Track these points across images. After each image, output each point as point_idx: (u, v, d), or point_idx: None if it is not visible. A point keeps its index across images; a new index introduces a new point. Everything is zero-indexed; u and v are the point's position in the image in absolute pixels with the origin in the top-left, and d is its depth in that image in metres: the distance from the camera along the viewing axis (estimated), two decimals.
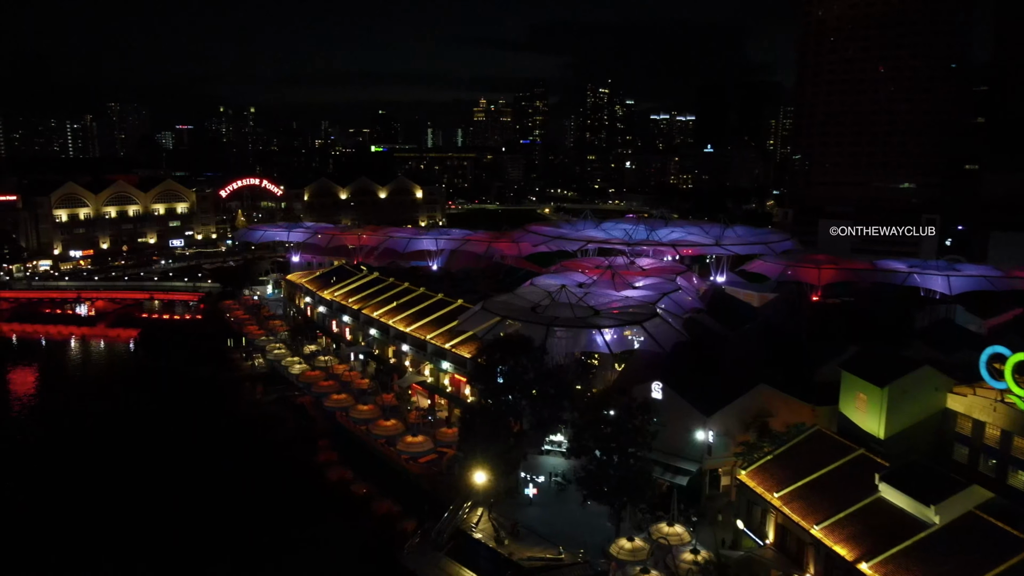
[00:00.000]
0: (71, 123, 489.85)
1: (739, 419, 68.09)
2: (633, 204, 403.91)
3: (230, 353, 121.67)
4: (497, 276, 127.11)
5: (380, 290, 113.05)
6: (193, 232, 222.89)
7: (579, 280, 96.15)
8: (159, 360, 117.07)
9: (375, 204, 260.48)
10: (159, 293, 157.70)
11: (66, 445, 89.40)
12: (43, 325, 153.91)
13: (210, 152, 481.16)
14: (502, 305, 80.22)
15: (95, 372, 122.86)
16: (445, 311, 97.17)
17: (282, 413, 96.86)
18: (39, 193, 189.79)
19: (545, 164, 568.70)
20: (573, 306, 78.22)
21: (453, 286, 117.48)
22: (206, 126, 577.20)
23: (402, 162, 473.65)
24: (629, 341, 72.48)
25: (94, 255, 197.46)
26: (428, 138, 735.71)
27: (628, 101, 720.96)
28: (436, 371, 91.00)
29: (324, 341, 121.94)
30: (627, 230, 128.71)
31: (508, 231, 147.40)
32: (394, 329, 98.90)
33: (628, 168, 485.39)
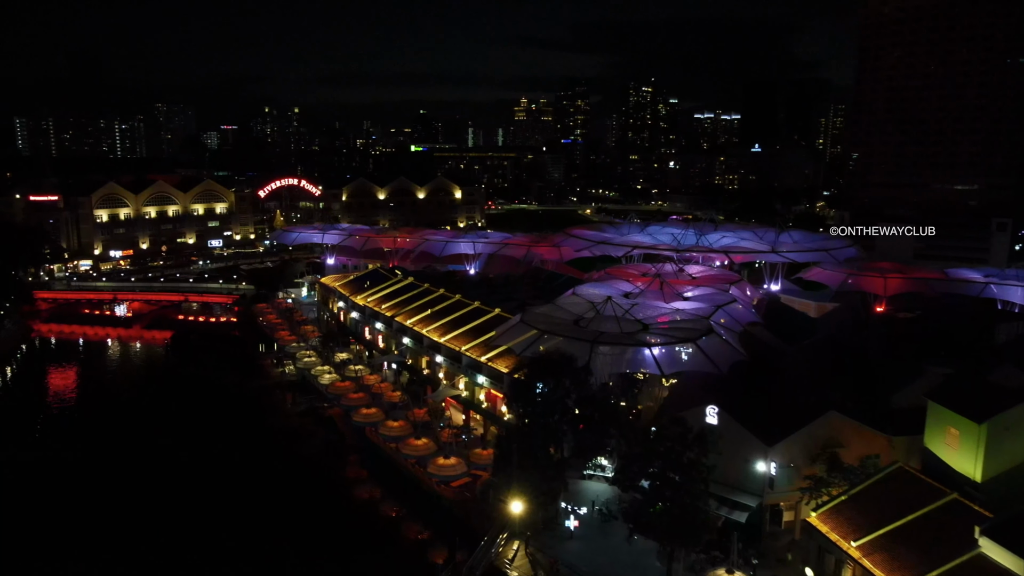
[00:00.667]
0: (119, 124, 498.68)
1: (805, 449, 61.15)
2: (677, 205, 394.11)
3: (261, 359, 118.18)
4: (537, 282, 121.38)
5: (414, 296, 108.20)
6: (232, 232, 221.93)
7: (625, 289, 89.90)
8: (188, 366, 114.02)
9: (413, 205, 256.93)
10: (194, 295, 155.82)
11: (89, 455, 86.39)
12: (80, 326, 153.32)
13: (253, 152, 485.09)
14: (542, 318, 74.39)
15: (126, 376, 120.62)
16: (482, 320, 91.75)
17: (311, 426, 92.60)
18: (80, 193, 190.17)
19: (586, 164, 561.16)
20: (620, 319, 72.03)
21: (491, 292, 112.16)
22: (251, 126, 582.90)
23: (442, 161, 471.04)
24: (680, 359, 66.02)
25: (133, 255, 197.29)
26: (469, 138, 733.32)
27: (672, 100, 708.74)
28: (471, 385, 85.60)
29: (357, 348, 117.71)
30: (675, 235, 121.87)
31: (549, 235, 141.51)
32: (428, 339, 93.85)
33: (671, 168, 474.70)
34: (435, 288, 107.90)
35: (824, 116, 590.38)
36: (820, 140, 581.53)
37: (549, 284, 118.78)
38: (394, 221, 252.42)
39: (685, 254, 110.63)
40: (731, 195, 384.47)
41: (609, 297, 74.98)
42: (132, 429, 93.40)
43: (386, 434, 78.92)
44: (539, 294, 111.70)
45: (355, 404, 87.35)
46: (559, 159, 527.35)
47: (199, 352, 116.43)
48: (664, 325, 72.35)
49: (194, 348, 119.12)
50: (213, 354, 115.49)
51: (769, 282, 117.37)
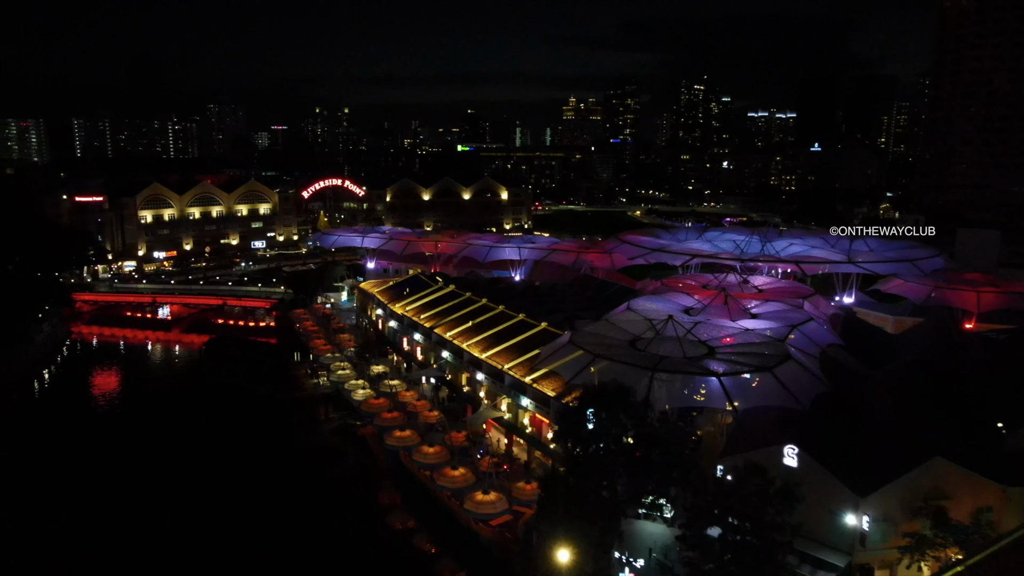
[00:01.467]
0: (172, 124, 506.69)
1: (904, 501, 52.12)
2: (731, 207, 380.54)
3: (295, 369, 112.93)
4: (586, 291, 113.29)
5: (455, 306, 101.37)
6: (275, 233, 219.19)
7: (685, 303, 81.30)
8: (220, 375, 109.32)
9: (458, 205, 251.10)
10: (232, 299, 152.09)
11: (108, 469, 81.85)
12: (120, 328, 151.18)
13: (300, 152, 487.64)
14: (594, 338, 66.48)
15: (158, 385, 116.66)
16: (527, 335, 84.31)
17: (342, 445, 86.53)
18: (125, 194, 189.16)
19: (636, 164, 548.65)
20: (682, 341, 63.67)
21: (537, 302, 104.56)
22: (302, 127, 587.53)
23: (488, 161, 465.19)
24: (753, 389, 57.39)
25: (177, 256, 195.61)
26: (516, 137, 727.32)
27: (724, 98, 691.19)
28: (514, 407, 78.23)
29: (394, 359, 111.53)
30: (737, 242, 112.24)
31: (599, 240, 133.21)
32: (468, 354, 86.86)
33: (724, 168, 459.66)
34: (477, 298, 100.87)
35: (887, 114, 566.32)
36: (882, 139, 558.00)
37: (600, 294, 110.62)
38: (438, 222, 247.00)
39: (749, 263, 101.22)
40: (789, 196, 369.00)
41: (670, 316, 66.56)
42: (157, 444, 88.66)
43: (420, 461, 72.11)
44: (589, 305, 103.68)
45: (389, 425, 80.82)
46: (608, 159, 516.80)
47: (232, 361, 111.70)
48: (732, 348, 63.69)
49: (228, 356, 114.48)
50: (246, 363, 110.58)
51: (842, 295, 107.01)
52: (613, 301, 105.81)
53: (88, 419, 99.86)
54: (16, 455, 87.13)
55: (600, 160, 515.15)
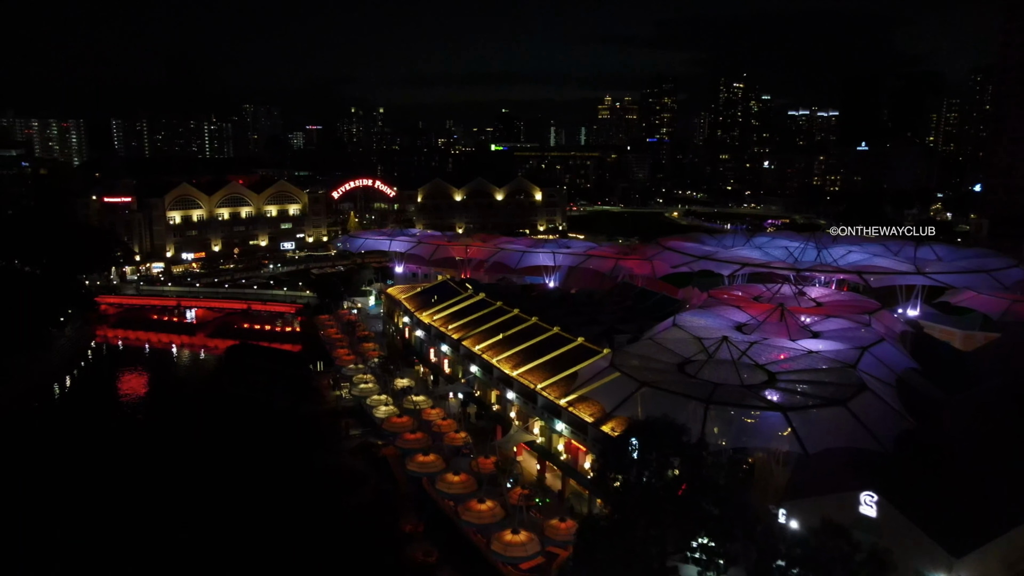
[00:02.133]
0: (208, 124, 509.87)
1: (1006, 563, 44.34)
2: (772, 208, 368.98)
3: (317, 379, 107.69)
4: (625, 300, 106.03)
5: (485, 316, 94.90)
6: (304, 234, 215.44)
7: (737, 319, 73.72)
8: (239, 385, 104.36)
9: (491, 206, 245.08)
10: (257, 303, 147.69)
11: (121, 486, 77.20)
12: (145, 332, 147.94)
13: (334, 152, 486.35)
14: (638, 361, 59.36)
15: (176, 394, 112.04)
16: (562, 351, 77.50)
17: (362, 466, 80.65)
18: (154, 194, 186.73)
19: (672, 164, 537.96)
20: (738, 365, 56.27)
21: (572, 312, 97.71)
22: (338, 126, 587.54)
23: (522, 161, 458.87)
24: (824, 427, 49.72)
25: (205, 258, 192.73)
26: (551, 137, 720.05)
27: (764, 96, 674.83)
28: (548, 431, 71.50)
29: (421, 371, 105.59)
30: (790, 249, 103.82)
31: (639, 245, 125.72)
32: (498, 370, 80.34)
33: (765, 168, 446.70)
34: (509, 308, 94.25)
35: (936, 112, 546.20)
36: (930, 138, 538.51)
37: (640, 304, 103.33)
38: (470, 223, 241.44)
39: (805, 273, 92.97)
40: (834, 198, 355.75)
41: (725, 338, 59.10)
42: (170, 460, 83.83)
43: (445, 491, 65.74)
44: (628, 316, 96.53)
45: (412, 447, 74.65)
46: (644, 159, 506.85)
47: (252, 371, 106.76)
48: (796, 375, 56.06)
49: (248, 365, 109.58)
50: (266, 374, 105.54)
51: (905, 306, 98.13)
52: (654, 312, 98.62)
53: (101, 430, 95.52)
54: (26, 465, 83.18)
55: (636, 160, 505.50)
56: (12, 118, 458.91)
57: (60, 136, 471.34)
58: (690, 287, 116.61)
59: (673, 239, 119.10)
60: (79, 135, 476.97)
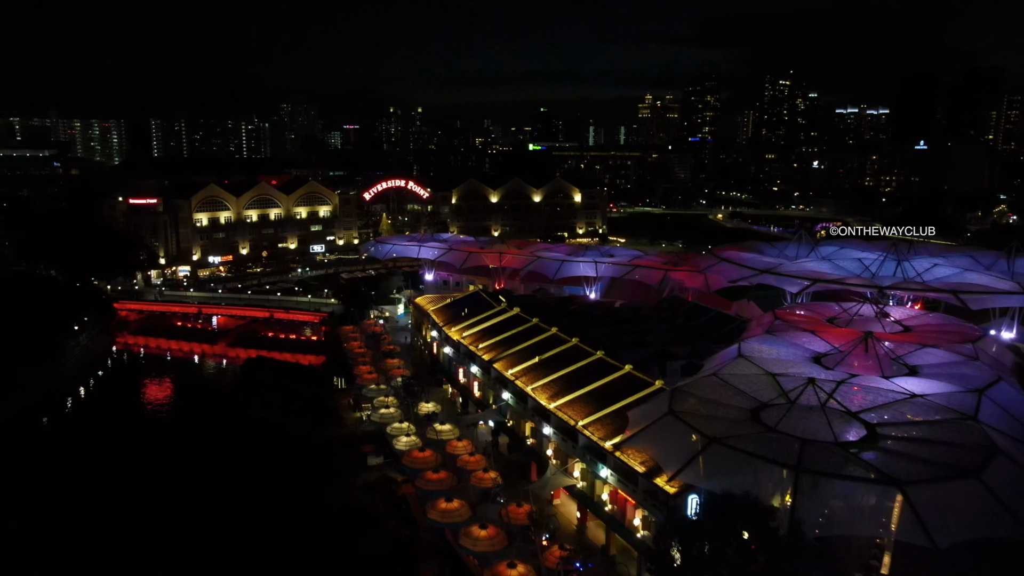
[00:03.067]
0: (245, 124, 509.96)
1: None
2: (823, 210, 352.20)
3: (338, 398, 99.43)
4: (675, 317, 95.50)
5: (520, 335, 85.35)
6: (335, 237, 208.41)
7: (814, 348, 62.83)
8: (254, 404, 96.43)
9: (528, 208, 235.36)
10: (279, 311, 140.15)
11: (118, 515, 69.61)
12: (167, 340, 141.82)
13: (370, 151, 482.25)
14: (699, 406, 49.05)
15: (191, 410, 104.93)
16: (607, 380, 67.55)
17: (379, 506, 71.78)
18: (181, 196, 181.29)
19: (716, 164, 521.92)
20: (829, 415, 45.64)
21: (617, 330, 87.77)
22: (376, 126, 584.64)
23: (561, 161, 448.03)
24: (946, 503, 38.94)
25: (232, 261, 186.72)
26: (590, 136, 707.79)
27: (811, 94, 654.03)
28: (590, 475, 61.69)
29: (449, 391, 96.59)
30: (864, 261, 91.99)
31: (690, 255, 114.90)
32: (533, 400, 70.74)
33: (814, 168, 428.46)
34: (546, 326, 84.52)
35: (995, 109, 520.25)
36: (989, 136, 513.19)
37: (692, 322, 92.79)
38: (506, 226, 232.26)
39: (888, 291, 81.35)
40: (889, 199, 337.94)
41: (812, 381, 48.42)
42: (173, 490, 76.05)
43: (470, 547, 56.33)
44: (680, 336, 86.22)
45: (434, 488, 65.43)
46: (686, 159, 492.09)
47: (268, 388, 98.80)
48: (902, 429, 45.19)
49: (263, 382, 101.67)
50: (282, 392, 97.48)
51: (998, 328, 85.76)
52: (708, 331, 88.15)
53: (103, 453, 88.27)
54: (23, 485, 76.31)
55: (678, 160, 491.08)
56: (55, 119, 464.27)
57: (102, 136, 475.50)
58: (745, 301, 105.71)
59: (729, 248, 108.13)
60: (120, 135, 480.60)
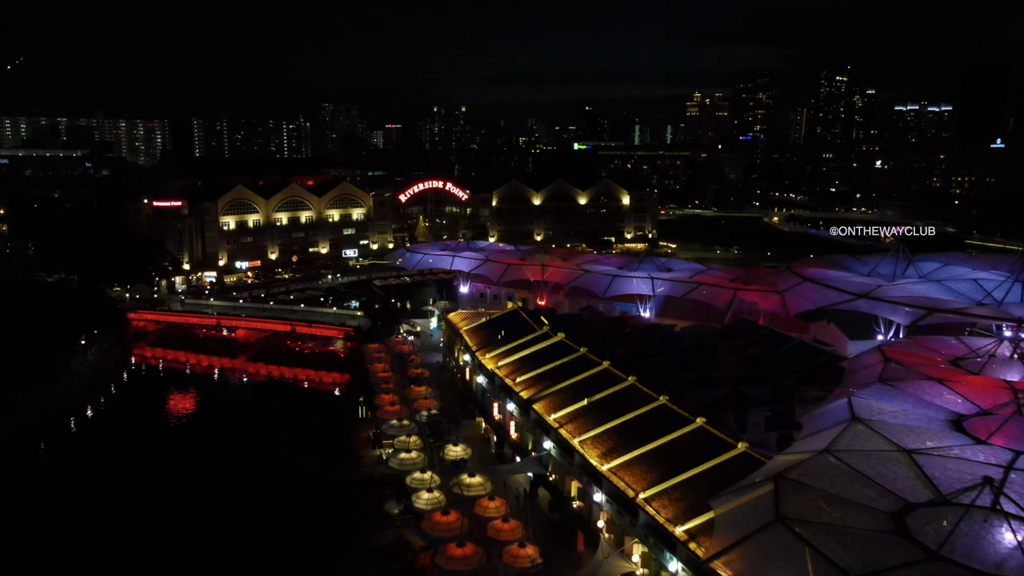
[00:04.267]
0: (287, 124, 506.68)
1: None
2: (887, 213, 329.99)
3: (357, 430, 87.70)
4: (748, 344, 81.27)
5: (565, 368, 72.37)
6: (368, 241, 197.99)
7: (946, 403, 48.38)
8: (264, 437, 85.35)
9: (573, 211, 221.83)
10: (302, 325, 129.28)
11: None
12: (185, 352, 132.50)
13: (410, 151, 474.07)
14: (822, 502, 35.22)
15: (200, 440, 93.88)
16: (674, 437, 54.16)
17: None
18: (207, 198, 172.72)
19: (768, 163, 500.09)
20: (1012, 525, 31.63)
21: (680, 362, 74.25)
22: (420, 125, 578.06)
23: (607, 160, 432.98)
24: None
25: (261, 266, 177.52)
26: (635, 135, 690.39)
27: (869, 91, 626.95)
28: (654, 562, 48.40)
29: (482, 427, 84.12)
30: (984, 283, 76.37)
31: (766, 271, 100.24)
32: (581, 456, 57.71)
33: (876, 168, 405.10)
34: (596, 358, 71.29)
35: None
36: None
37: (768, 352, 78.48)
38: (549, 230, 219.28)
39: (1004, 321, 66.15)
40: (962, 201, 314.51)
41: (989, 480, 34.39)
42: (161, 543, 65.03)
43: None
44: (757, 371, 72.13)
45: (459, 569, 52.83)
46: (737, 158, 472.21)
47: (280, 420, 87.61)
48: None
49: (275, 412, 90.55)
50: (296, 424, 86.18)
51: None
52: (791, 365, 73.91)
53: (96, 489, 77.92)
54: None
55: (728, 159, 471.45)
56: (101, 119, 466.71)
57: (146, 136, 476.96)
58: (824, 323, 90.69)
59: (809, 264, 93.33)
60: (163, 135, 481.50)
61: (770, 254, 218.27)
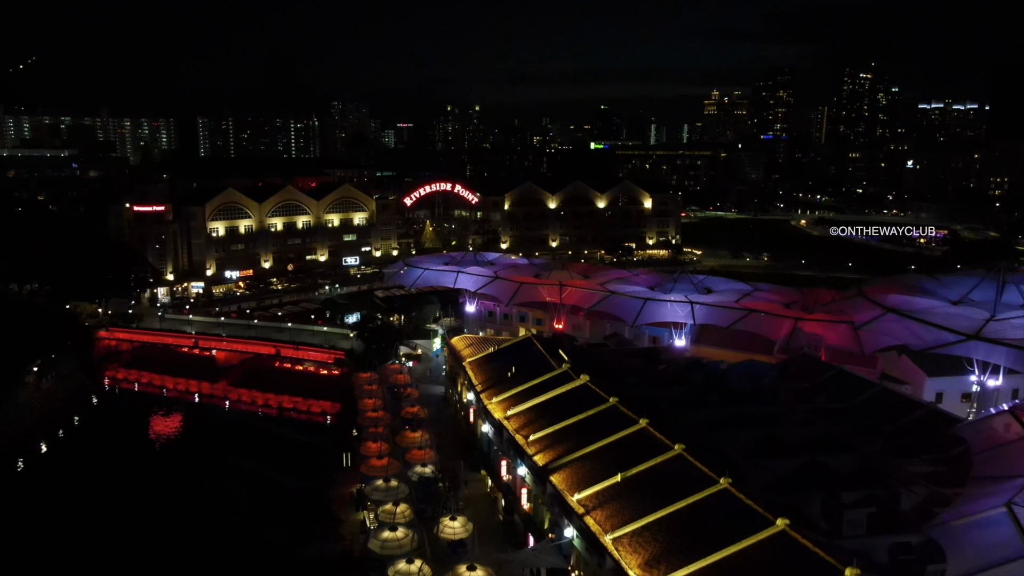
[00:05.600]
0: (295, 123, 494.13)
1: None
2: (922, 216, 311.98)
3: (339, 483, 73.41)
4: (815, 390, 66.02)
5: (591, 424, 57.63)
6: (371, 248, 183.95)
7: None
8: (221, 506, 70.46)
9: (591, 215, 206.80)
10: (287, 347, 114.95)
11: None
12: (161, 375, 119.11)
13: (422, 150, 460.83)
14: None
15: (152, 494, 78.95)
16: (747, 544, 39.24)
17: None
18: (194, 202, 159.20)
19: (791, 163, 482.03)
20: None
21: (734, 417, 59.30)
22: (433, 124, 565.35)
23: (624, 160, 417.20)
24: None
25: (253, 276, 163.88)
26: (651, 134, 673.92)
27: (893, 88, 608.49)
28: None
29: (488, 486, 69.58)
30: None
31: (822, 291, 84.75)
32: (614, 561, 42.89)
33: (908, 169, 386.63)
34: (631, 414, 56.39)
35: None
36: None
37: (841, 400, 63.19)
38: (566, 235, 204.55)
39: None
40: (1003, 203, 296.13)
41: None
42: None
43: None
44: (833, 430, 56.92)
45: None
46: (758, 158, 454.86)
47: (243, 477, 73.23)
48: None
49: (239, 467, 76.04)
50: (262, 483, 71.82)
51: None
52: (873, 418, 58.74)
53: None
54: None
55: (749, 159, 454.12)
56: (106, 117, 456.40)
57: (152, 136, 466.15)
58: (894, 354, 75.43)
59: (885, 288, 77.59)
60: (169, 134, 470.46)
61: (804, 262, 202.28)
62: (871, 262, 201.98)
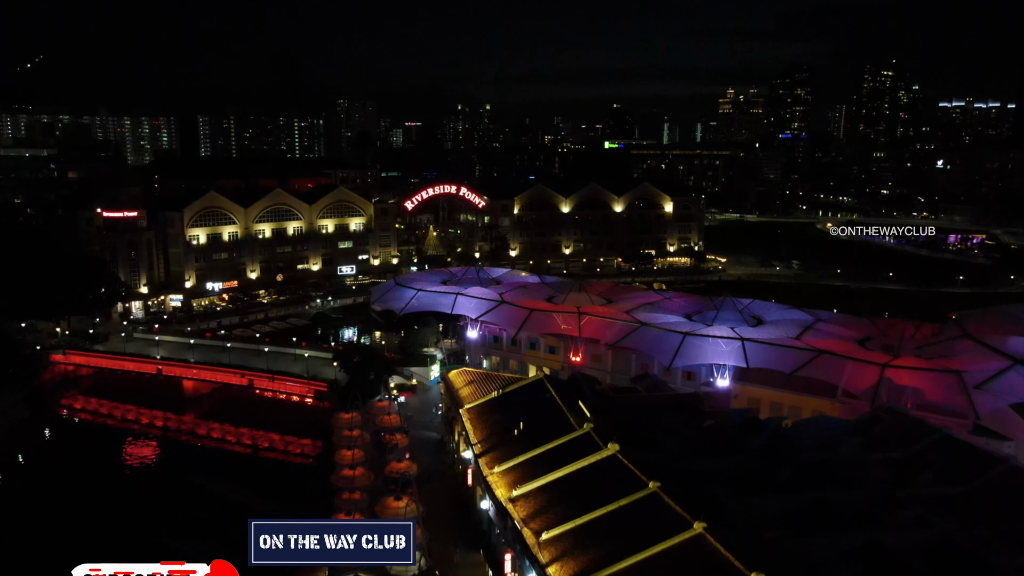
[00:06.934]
0: (299, 121, 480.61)
1: None
2: (955, 219, 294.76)
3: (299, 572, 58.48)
4: (910, 462, 50.72)
5: (624, 518, 42.66)
6: (368, 255, 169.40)
7: None
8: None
9: (607, 220, 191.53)
10: (262, 378, 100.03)
11: None
12: (124, 404, 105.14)
13: (430, 150, 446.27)
14: None
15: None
16: None
17: None
18: (171, 207, 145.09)
19: (810, 163, 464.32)
20: None
21: (814, 504, 44.37)
22: (444, 123, 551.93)
23: (640, 160, 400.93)
24: None
25: (238, 287, 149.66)
26: (664, 134, 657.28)
27: (914, 86, 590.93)
28: None
29: (488, 573, 54.85)
30: None
31: (900, 323, 69.28)
32: None
33: (939, 168, 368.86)
34: (678, 508, 41.32)
35: None
36: None
37: (953, 480, 47.84)
38: (580, 242, 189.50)
39: None
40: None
41: None
42: None
43: None
44: (938, 520, 41.73)
45: None
46: (776, 157, 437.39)
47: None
48: None
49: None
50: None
51: None
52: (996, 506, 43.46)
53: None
54: None
55: (767, 159, 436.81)
56: (105, 116, 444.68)
57: (152, 134, 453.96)
58: (1001, 405, 59.84)
59: (990, 326, 61.77)
60: (170, 133, 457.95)
61: (839, 271, 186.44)
62: (912, 271, 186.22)
